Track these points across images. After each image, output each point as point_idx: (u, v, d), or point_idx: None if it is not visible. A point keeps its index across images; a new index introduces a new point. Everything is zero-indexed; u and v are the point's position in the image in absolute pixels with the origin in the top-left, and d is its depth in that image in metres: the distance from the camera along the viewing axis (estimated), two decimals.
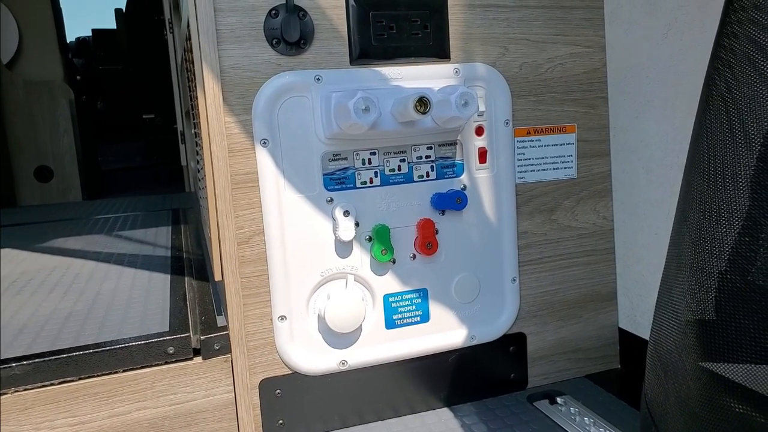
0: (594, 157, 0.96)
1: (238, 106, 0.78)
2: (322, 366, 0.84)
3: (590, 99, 0.94)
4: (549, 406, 0.90)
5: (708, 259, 0.41)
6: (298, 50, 0.79)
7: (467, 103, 0.77)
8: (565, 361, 0.97)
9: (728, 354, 0.40)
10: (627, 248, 0.96)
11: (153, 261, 1.25)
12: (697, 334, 0.41)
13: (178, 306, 0.92)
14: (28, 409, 0.73)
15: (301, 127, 0.80)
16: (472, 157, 0.88)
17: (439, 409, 0.90)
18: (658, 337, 0.48)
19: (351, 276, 0.84)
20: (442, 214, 0.87)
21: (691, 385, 0.42)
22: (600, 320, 0.99)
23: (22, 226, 1.87)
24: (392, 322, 0.86)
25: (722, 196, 0.41)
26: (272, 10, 0.78)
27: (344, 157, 0.82)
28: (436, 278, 0.88)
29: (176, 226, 1.67)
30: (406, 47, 0.83)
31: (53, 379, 0.74)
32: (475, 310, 0.90)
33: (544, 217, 0.94)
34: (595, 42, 0.93)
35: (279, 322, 0.82)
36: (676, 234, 0.47)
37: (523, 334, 0.94)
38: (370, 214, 0.84)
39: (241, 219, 0.80)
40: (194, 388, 0.80)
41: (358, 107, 0.72)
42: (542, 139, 0.92)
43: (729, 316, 0.40)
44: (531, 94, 0.91)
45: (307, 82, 0.79)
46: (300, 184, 0.80)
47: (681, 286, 0.44)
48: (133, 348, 0.77)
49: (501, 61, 0.88)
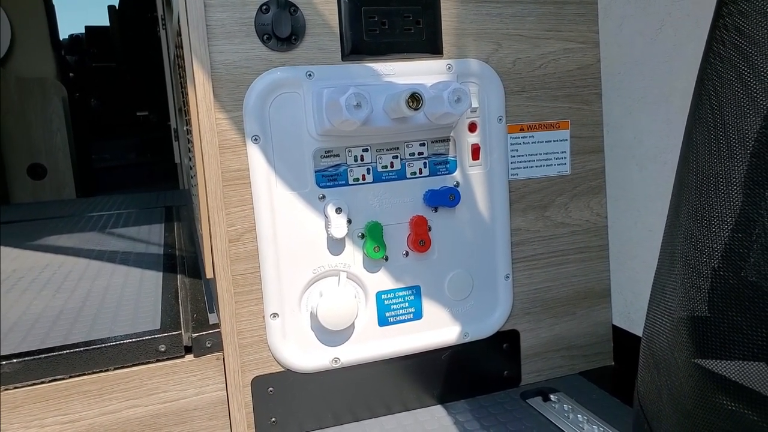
0: (588, 154, 0.95)
1: (229, 102, 0.77)
2: (314, 363, 0.83)
3: (584, 95, 0.94)
4: (542, 403, 0.89)
5: (701, 255, 0.41)
6: (289, 46, 0.78)
7: (460, 99, 0.76)
8: (558, 358, 0.97)
9: (721, 351, 0.39)
10: (621, 245, 0.96)
11: (145, 259, 1.24)
12: (690, 330, 0.41)
13: (169, 304, 0.91)
14: (18, 408, 0.73)
15: (292, 124, 0.79)
16: (465, 153, 0.87)
17: (433, 407, 0.90)
18: (651, 334, 0.47)
19: (343, 273, 0.83)
20: (435, 211, 0.87)
21: (684, 382, 0.42)
22: (593, 317, 0.99)
23: (14, 224, 1.86)
24: (385, 319, 0.86)
25: (715, 193, 0.40)
26: (263, 5, 0.77)
27: (336, 154, 0.81)
28: (429, 275, 0.87)
29: (169, 223, 1.66)
30: (399, 43, 0.82)
31: (43, 377, 0.74)
32: (468, 307, 0.90)
33: (537, 213, 0.93)
34: (588, 38, 0.93)
35: (271, 319, 0.81)
36: (669, 230, 0.46)
37: (516, 331, 0.94)
38: (362, 211, 0.83)
39: (233, 216, 0.79)
40: (186, 386, 0.79)
41: (350, 103, 0.72)
42: (535, 135, 0.92)
43: (721, 312, 0.39)
44: (524, 90, 0.90)
45: (298, 78, 0.78)
46: (292, 180, 0.80)
47: (674, 282, 0.44)
48: (124, 346, 0.77)
49: (494, 57, 0.88)
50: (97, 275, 1.12)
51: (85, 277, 1.11)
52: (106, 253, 1.32)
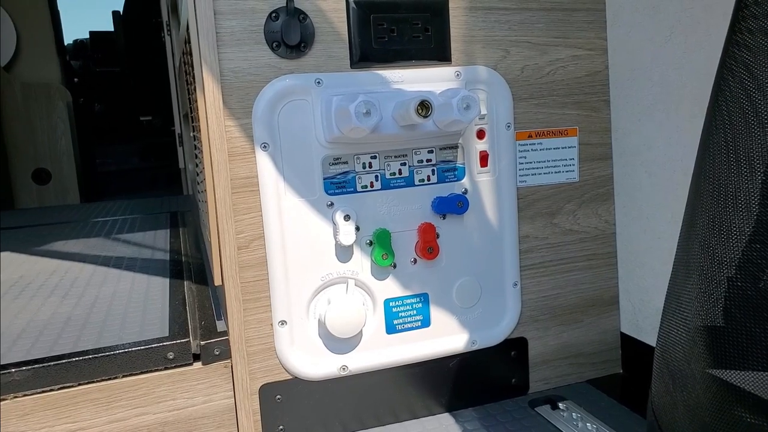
0: (596, 161, 0.95)
1: (239, 109, 0.77)
2: (322, 371, 0.83)
3: (592, 102, 0.94)
4: (551, 411, 0.89)
5: (718, 265, 0.41)
6: (298, 53, 0.78)
7: (469, 106, 0.76)
8: (566, 365, 0.97)
9: (739, 363, 0.39)
10: (629, 252, 0.96)
11: (152, 265, 1.24)
12: (707, 342, 0.41)
13: (177, 310, 0.91)
14: (27, 415, 0.72)
15: (301, 131, 0.79)
16: (474, 160, 0.87)
17: (441, 415, 0.90)
18: (666, 345, 0.47)
19: (351, 280, 0.83)
20: (443, 218, 0.86)
21: (701, 394, 0.41)
22: (602, 325, 0.98)
23: (20, 230, 1.86)
24: (393, 326, 0.86)
25: (733, 203, 0.40)
26: (272, 12, 0.77)
27: (345, 161, 0.81)
28: (437, 283, 0.87)
29: (174, 229, 1.66)
30: (407, 50, 0.82)
31: (53, 384, 0.73)
32: (476, 315, 0.90)
33: (545, 220, 0.93)
34: (597, 44, 0.93)
35: (279, 327, 0.81)
36: (684, 240, 0.46)
37: (524, 338, 0.94)
38: (370, 218, 0.83)
39: (241, 223, 0.79)
40: (194, 394, 0.79)
41: (359, 111, 0.72)
42: (544, 142, 0.92)
43: (739, 324, 0.39)
44: (533, 97, 0.90)
45: (307, 86, 0.78)
46: (300, 188, 0.80)
47: (689, 293, 0.44)
48: (133, 353, 0.76)
49: (502, 64, 0.88)
50: (104, 281, 1.12)
51: (92, 283, 1.11)
52: (112, 259, 1.32)
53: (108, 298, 1.01)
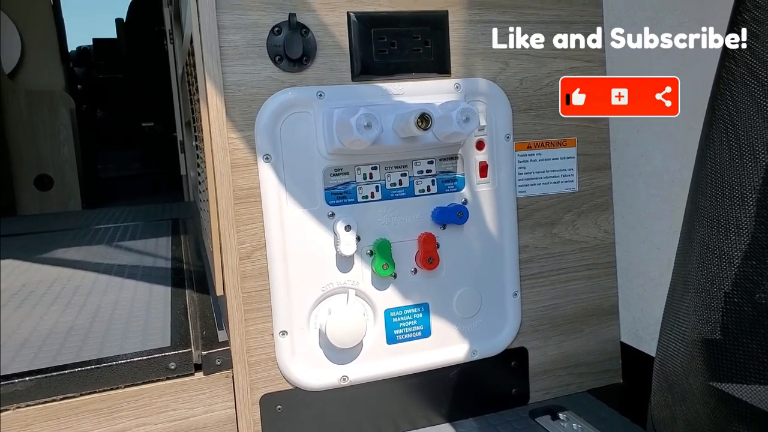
0: (595, 171, 0.96)
1: (242, 121, 0.78)
2: (323, 381, 0.84)
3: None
4: (551, 421, 0.89)
5: (715, 281, 0.41)
6: (300, 67, 0.79)
7: (468, 118, 0.77)
8: (566, 375, 0.97)
9: (736, 377, 0.40)
10: (628, 262, 0.96)
11: (153, 273, 1.25)
12: (705, 356, 0.41)
13: (179, 320, 0.91)
14: (29, 426, 0.73)
15: (303, 143, 0.80)
16: (473, 171, 0.88)
17: (441, 425, 0.90)
18: (665, 358, 0.48)
19: (352, 291, 0.84)
20: (443, 228, 0.87)
21: (699, 408, 0.42)
22: (601, 334, 0.99)
23: (23, 237, 1.87)
24: (393, 337, 0.86)
25: (728, 218, 0.41)
26: (275, 27, 0.78)
27: (346, 172, 0.82)
28: (437, 293, 0.87)
29: (176, 236, 1.67)
30: (408, 63, 0.83)
31: (55, 395, 0.74)
32: (477, 325, 0.90)
33: (545, 230, 0.94)
34: (595, 56, 0.94)
35: (280, 337, 0.82)
36: (682, 254, 0.47)
37: (524, 348, 0.94)
38: (371, 229, 0.84)
39: (243, 234, 0.80)
40: (195, 404, 0.79)
41: (360, 123, 0.73)
42: (543, 152, 0.93)
43: (736, 338, 0.40)
44: (531, 109, 0.91)
45: (309, 98, 0.79)
46: (302, 198, 0.80)
47: (687, 307, 0.44)
48: (135, 364, 0.77)
49: (501, 76, 0.88)
50: (105, 290, 1.13)
51: (94, 292, 1.12)
52: (114, 267, 1.32)
53: (110, 307, 1.02)
